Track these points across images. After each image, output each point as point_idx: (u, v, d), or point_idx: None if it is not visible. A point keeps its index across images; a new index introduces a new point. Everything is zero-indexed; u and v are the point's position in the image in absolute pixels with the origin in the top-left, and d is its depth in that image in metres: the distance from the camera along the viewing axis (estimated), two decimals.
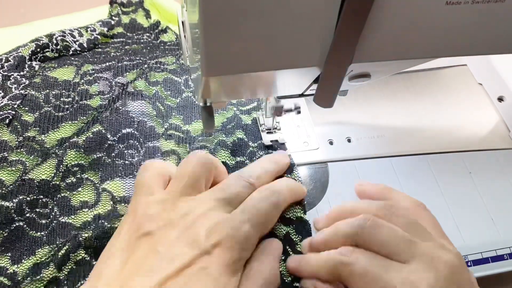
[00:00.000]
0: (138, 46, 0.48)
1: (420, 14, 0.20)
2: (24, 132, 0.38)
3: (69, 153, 0.36)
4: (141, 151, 0.39)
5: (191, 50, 0.24)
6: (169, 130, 0.40)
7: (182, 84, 0.44)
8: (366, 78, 0.27)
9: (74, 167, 0.36)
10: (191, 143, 0.40)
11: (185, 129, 0.41)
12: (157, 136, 0.40)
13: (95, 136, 0.37)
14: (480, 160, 0.41)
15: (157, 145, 0.39)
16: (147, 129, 0.40)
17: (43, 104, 0.39)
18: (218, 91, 0.28)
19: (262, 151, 0.39)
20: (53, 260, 0.31)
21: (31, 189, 0.34)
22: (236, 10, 0.18)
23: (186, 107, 0.42)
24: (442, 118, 0.44)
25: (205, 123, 0.32)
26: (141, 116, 0.40)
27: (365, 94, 0.45)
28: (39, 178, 0.35)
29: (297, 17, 0.19)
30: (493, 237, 0.36)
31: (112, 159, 0.38)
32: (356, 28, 0.20)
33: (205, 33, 0.19)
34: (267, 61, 0.21)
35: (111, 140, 0.38)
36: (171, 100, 0.42)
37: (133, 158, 0.38)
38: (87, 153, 0.37)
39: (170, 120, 0.41)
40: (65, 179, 0.36)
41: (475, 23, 0.21)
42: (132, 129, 0.39)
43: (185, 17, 0.25)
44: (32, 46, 0.43)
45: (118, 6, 0.50)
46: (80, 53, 0.46)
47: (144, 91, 0.41)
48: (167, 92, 0.42)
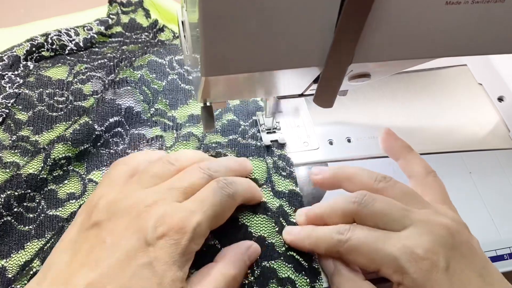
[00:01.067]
0: (136, 46, 0.48)
1: (420, 14, 0.20)
2: (18, 131, 0.38)
3: (57, 146, 0.36)
4: (126, 139, 0.39)
5: (191, 50, 0.24)
6: (155, 116, 0.40)
7: (166, 66, 0.43)
8: (366, 78, 0.27)
9: (61, 160, 0.36)
10: (178, 130, 0.40)
11: (170, 115, 0.41)
12: (143, 123, 0.40)
13: (82, 128, 0.37)
14: (480, 160, 0.41)
15: (142, 132, 0.39)
16: (134, 115, 0.40)
17: (37, 103, 0.39)
18: (218, 91, 0.28)
19: (254, 128, 0.39)
20: (38, 254, 0.32)
21: (19, 184, 0.34)
22: (236, 10, 0.18)
23: (172, 91, 0.42)
24: (442, 118, 0.44)
25: (205, 123, 0.32)
26: (128, 102, 0.40)
27: (365, 94, 0.45)
28: (27, 172, 0.34)
29: (297, 17, 0.19)
30: (493, 237, 0.36)
31: (97, 149, 0.38)
32: (356, 28, 0.20)
33: (205, 33, 0.19)
34: (267, 61, 0.21)
35: (98, 131, 0.37)
36: (157, 83, 0.42)
37: (117, 146, 0.38)
38: (75, 145, 0.36)
39: (156, 105, 0.41)
40: (52, 172, 0.36)
41: (475, 23, 0.21)
42: (119, 117, 0.39)
43: (185, 17, 0.25)
44: (27, 46, 0.43)
45: (117, 6, 0.50)
46: (77, 52, 0.46)
47: (129, 77, 0.41)
48: (152, 75, 0.42)
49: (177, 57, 0.44)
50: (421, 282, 0.27)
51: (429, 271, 0.27)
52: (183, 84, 0.43)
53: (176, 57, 0.44)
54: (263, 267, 0.31)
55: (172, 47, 0.45)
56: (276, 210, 0.34)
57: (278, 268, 0.31)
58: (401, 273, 0.27)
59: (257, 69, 0.21)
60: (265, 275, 0.30)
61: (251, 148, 0.38)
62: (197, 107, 0.42)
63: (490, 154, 0.41)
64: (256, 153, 0.38)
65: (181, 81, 0.43)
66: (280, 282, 0.30)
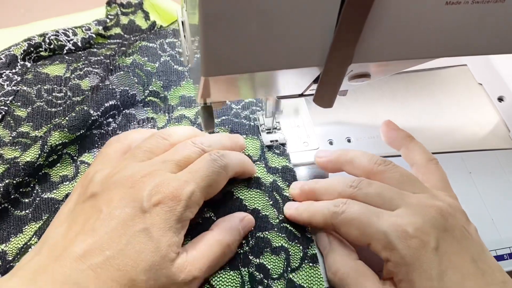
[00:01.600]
0: None
1: (420, 14, 0.20)
2: (17, 127, 0.38)
3: (53, 134, 0.36)
4: (118, 119, 0.39)
5: (191, 50, 0.24)
6: (148, 97, 0.41)
7: (158, 49, 0.44)
8: (366, 78, 0.27)
9: (58, 146, 0.36)
10: (170, 112, 0.40)
11: (163, 95, 0.42)
12: (136, 103, 0.40)
13: (78, 114, 0.37)
14: (480, 160, 0.41)
15: (133, 113, 0.40)
16: (130, 98, 0.40)
17: (35, 99, 0.40)
18: (218, 91, 0.28)
19: (246, 111, 0.40)
20: (36, 233, 0.32)
21: (17, 172, 0.34)
22: (236, 10, 0.18)
23: (166, 72, 0.43)
24: (442, 118, 0.44)
25: (205, 123, 0.32)
26: (122, 86, 0.40)
27: (365, 94, 0.45)
28: (24, 160, 0.35)
29: (297, 17, 0.19)
30: (493, 237, 0.36)
31: (91, 131, 0.38)
32: (356, 28, 0.20)
33: (205, 33, 0.19)
34: (267, 61, 0.21)
35: (94, 116, 0.38)
36: (150, 65, 0.42)
37: (109, 127, 0.39)
38: (71, 131, 0.36)
39: (150, 88, 0.41)
40: (48, 158, 0.36)
41: (475, 23, 0.21)
42: (114, 100, 0.39)
43: (185, 17, 0.25)
44: (24, 46, 0.43)
45: (117, 7, 0.50)
46: (75, 51, 0.46)
47: (122, 63, 0.41)
48: (144, 58, 0.43)
49: (168, 40, 0.45)
50: (409, 259, 0.27)
51: (417, 249, 0.27)
52: (176, 65, 0.44)
53: (167, 40, 0.45)
54: (257, 238, 0.32)
55: (162, 31, 0.46)
56: (270, 185, 0.35)
57: (272, 238, 0.32)
58: (390, 249, 0.27)
59: (257, 69, 0.21)
60: (259, 245, 0.32)
61: (244, 127, 0.39)
62: (189, 89, 0.43)
63: (490, 154, 0.41)
64: (249, 132, 0.39)
65: (174, 62, 0.44)
66: (274, 251, 0.32)
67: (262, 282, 0.30)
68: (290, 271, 0.32)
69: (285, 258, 0.32)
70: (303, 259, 0.32)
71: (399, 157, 0.40)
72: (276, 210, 0.34)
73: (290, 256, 0.32)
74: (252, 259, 0.31)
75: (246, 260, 0.31)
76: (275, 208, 0.34)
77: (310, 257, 0.32)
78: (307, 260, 0.32)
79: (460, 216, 0.30)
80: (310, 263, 0.32)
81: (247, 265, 0.31)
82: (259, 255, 0.31)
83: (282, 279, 0.31)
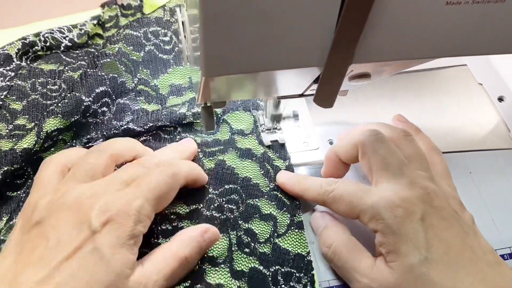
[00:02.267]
0: None
1: (420, 14, 0.20)
2: (14, 120, 0.38)
3: (48, 121, 0.36)
4: (112, 109, 0.40)
5: (191, 50, 0.24)
6: (139, 86, 0.42)
7: (142, 38, 0.44)
8: (366, 78, 0.27)
9: (53, 132, 0.36)
10: (163, 104, 0.41)
11: (153, 84, 0.42)
12: (128, 92, 0.41)
13: (70, 100, 0.37)
14: (480, 160, 0.41)
15: (127, 103, 0.40)
16: (119, 85, 0.40)
17: (30, 92, 0.40)
18: (218, 91, 0.28)
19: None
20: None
21: (14, 159, 0.35)
22: (236, 10, 0.18)
23: (151, 61, 0.43)
24: (442, 118, 0.44)
25: (205, 123, 0.32)
26: (111, 73, 0.40)
27: (365, 94, 0.45)
28: (21, 147, 0.35)
29: (297, 17, 0.19)
30: (493, 237, 0.36)
31: (87, 119, 0.38)
32: (356, 28, 0.20)
33: (205, 33, 0.19)
34: (267, 61, 0.21)
35: (86, 101, 0.38)
36: (135, 55, 0.43)
37: (104, 116, 0.39)
38: (65, 117, 0.37)
39: (138, 75, 0.42)
40: (44, 144, 0.36)
41: (475, 23, 0.21)
42: (104, 87, 0.39)
43: (185, 17, 0.25)
44: (19, 44, 0.43)
45: (117, 8, 0.50)
46: (72, 49, 0.46)
47: (107, 50, 0.42)
48: (129, 47, 0.43)
49: (151, 28, 0.45)
50: (395, 228, 0.27)
51: (403, 218, 0.27)
52: (161, 54, 0.44)
53: (150, 28, 0.45)
54: (247, 204, 0.34)
55: (145, 19, 0.46)
56: (261, 156, 0.37)
57: (261, 206, 0.34)
58: (377, 219, 0.28)
59: (257, 69, 0.21)
60: (249, 211, 0.34)
61: (237, 103, 0.40)
62: (177, 76, 0.44)
63: (490, 154, 0.41)
64: (242, 108, 0.40)
65: (158, 51, 0.44)
66: (263, 217, 0.34)
67: (249, 245, 0.33)
68: (277, 236, 0.34)
69: (272, 224, 0.34)
70: (289, 226, 0.34)
71: None
72: (267, 179, 0.36)
73: (278, 223, 0.34)
74: (241, 223, 0.33)
75: (236, 225, 0.33)
76: (266, 178, 0.36)
77: (297, 224, 0.34)
78: (294, 226, 0.34)
79: (453, 202, 0.30)
80: (296, 229, 0.34)
81: (236, 229, 0.33)
82: (248, 221, 0.33)
83: (269, 243, 0.33)
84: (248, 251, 0.32)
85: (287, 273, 0.32)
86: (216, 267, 0.31)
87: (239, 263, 0.32)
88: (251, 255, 0.32)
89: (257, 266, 0.32)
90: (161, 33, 0.45)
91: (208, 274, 0.30)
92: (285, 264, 0.32)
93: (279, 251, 0.33)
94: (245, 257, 0.32)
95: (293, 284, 0.32)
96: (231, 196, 0.34)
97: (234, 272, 0.31)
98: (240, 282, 0.31)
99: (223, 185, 0.35)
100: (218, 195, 0.34)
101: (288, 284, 0.32)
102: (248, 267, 0.32)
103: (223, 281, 0.30)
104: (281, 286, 0.32)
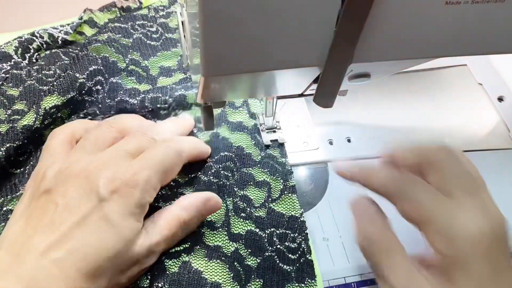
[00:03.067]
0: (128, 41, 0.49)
1: (420, 14, 0.20)
2: (12, 105, 0.39)
3: (45, 98, 0.37)
4: (106, 88, 0.40)
5: (191, 50, 0.24)
6: (130, 66, 0.43)
7: (129, 29, 0.45)
8: (366, 78, 0.27)
9: (52, 109, 0.37)
10: (153, 84, 0.42)
11: (144, 64, 0.43)
12: (119, 71, 0.42)
13: (65, 78, 0.38)
14: (480, 160, 0.41)
15: (119, 82, 0.41)
16: (111, 64, 0.41)
17: (26, 78, 0.40)
18: (218, 91, 0.28)
19: None
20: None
21: (16, 136, 0.35)
22: (236, 10, 0.18)
23: (139, 47, 0.45)
24: (442, 118, 0.44)
25: (205, 123, 0.32)
26: (102, 53, 0.41)
27: (365, 94, 0.45)
28: (21, 124, 0.36)
29: (297, 17, 0.19)
30: None
31: (82, 96, 0.39)
32: (356, 28, 0.20)
33: (205, 33, 0.19)
34: (267, 61, 0.21)
35: (81, 78, 0.39)
36: (125, 40, 0.44)
37: (98, 94, 0.40)
38: (62, 94, 0.37)
39: (129, 56, 0.43)
40: (44, 121, 0.37)
41: (475, 23, 0.21)
42: (97, 66, 0.40)
43: (185, 17, 0.25)
44: (15, 43, 0.43)
45: (117, 10, 0.50)
46: (68, 42, 0.46)
47: (97, 37, 0.43)
48: (118, 35, 0.44)
49: (137, 22, 0.47)
50: (463, 261, 0.25)
51: (477, 256, 0.25)
52: (149, 41, 0.46)
53: (136, 22, 0.47)
54: (241, 173, 0.36)
55: (131, 16, 0.47)
56: (252, 128, 0.39)
57: (255, 174, 0.36)
58: (448, 243, 0.25)
59: (257, 69, 0.21)
60: (243, 179, 0.36)
61: None
62: (166, 59, 0.45)
63: (490, 154, 0.41)
64: None
65: (147, 38, 0.46)
66: (257, 184, 0.36)
67: (245, 210, 0.34)
68: (271, 201, 0.35)
69: (267, 190, 0.36)
70: (283, 191, 0.36)
71: None
72: (258, 149, 0.38)
73: (271, 189, 0.36)
74: (237, 191, 0.35)
75: (231, 192, 0.35)
76: (257, 147, 0.38)
77: (289, 188, 0.36)
78: (287, 191, 0.36)
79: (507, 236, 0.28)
80: (289, 193, 0.36)
81: (232, 196, 0.35)
82: (243, 188, 0.35)
83: (264, 207, 0.35)
84: (244, 215, 0.34)
85: (281, 234, 0.34)
86: (214, 231, 0.32)
87: (236, 227, 0.33)
88: (247, 219, 0.34)
89: (253, 229, 0.34)
90: (147, 25, 0.47)
91: (207, 237, 0.32)
92: (280, 226, 0.34)
93: (273, 214, 0.35)
94: (242, 221, 0.34)
95: (288, 244, 0.33)
96: (226, 164, 0.36)
97: (231, 234, 0.33)
98: (237, 244, 0.32)
99: (219, 153, 0.36)
100: (214, 162, 0.36)
101: (283, 244, 0.33)
102: (245, 230, 0.33)
103: (220, 243, 0.32)
104: (276, 246, 0.33)
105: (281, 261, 0.33)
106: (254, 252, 0.33)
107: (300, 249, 0.33)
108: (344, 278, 0.34)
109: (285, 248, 0.33)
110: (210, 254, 0.31)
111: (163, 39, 0.46)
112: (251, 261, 0.32)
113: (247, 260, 0.32)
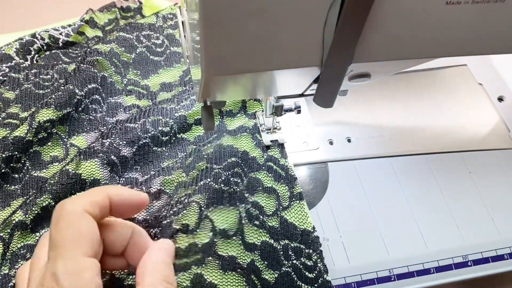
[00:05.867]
0: None
1: (420, 14, 0.20)
2: (6, 108, 0.39)
3: (41, 111, 0.37)
4: (104, 107, 0.40)
5: (191, 50, 0.24)
6: (129, 86, 0.42)
7: (134, 40, 0.45)
8: (366, 78, 0.27)
9: (46, 123, 0.37)
10: (153, 99, 0.42)
11: (143, 84, 0.43)
12: (117, 92, 0.42)
13: (64, 92, 0.38)
14: (480, 160, 0.41)
15: (118, 101, 0.41)
16: (108, 84, 0.41)
17: (23, 82, 0.41)
18: (218, 91, 0.28)
19: None
20: (21, 206, 0.33)
21: (6, 146, 0.35)
22: (236, 10, 0.18)
23: (141, 62, 0.44)
24: (442, 118, 0.44)
25: (205, 123, 0.32)
26: (102, 71, 0.41)
27: (365, 94, 0.45)
28: (13, 135, 0.36)
29: (297, 17, 0.19)
30: (493, 237, 0.36)
31: (79, 114, 0.39)
32: (356, 28, 0.20)
33: (205, 33, 0.19)
34: (267, 61, 0.21)
35: (79, 95, 0.39)
36: (126, 56, 0.44)
37: (96, 113, 0.40)
38: (58, 108, 0.37)
39: (128, 76, 0.43)
40: (38, 134, 0.37)
41: (475, 23, 0.21)
42: (96, 84, 0.40)
43: (185, 17, 0.25)
44: (16, 44, 0.44)
45: (117, 11, 0.50)
46: (69, 44, 0.46)
47: (100, 48, 0.43)
48: (121, 48, 0.44)
49: (143, 32, 0.46)
50: None
51: None
52: (152, 56, 0.45)
53: (143, 32, 0.46)
54: (249, 178, 0.36)
55: (138, 25, 0.47)
56: (253, 127, 0.39)
57: (262, 178, 0.36)
58: None
59: (257, 69, 0.21)
60: (252, 184, 0.35)
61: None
62: (167, 76, 0.45)
63: (490, 154, 0.41)
64: None
65: (150, 53, 0.45)
66: (266, 190, 0.35)
67: (258, 218, 0.33)
68: (282, 210, 0.35)
69: (275, 197, 0.35)
70: (291, 198, 0.36)
71: (400, 157, 0.40)
72: (260, 150, 0.38)
73: (280, 196, 0.35)
74: (248, 196, 0.34)
75: (243, 198, 0.34)
76: (259, 149, 0.38)
77: (296, 195, 0.36)
78: (295, 198, 0.36)
79: None
80: (297, 200, 0.36)
81: (244, 202, 0.33)
82: (253, 193, 0.35)
83: (276, 216, 0.34)
84: (258, 224, 0.33)
85: (296, 248, 0.33)
86: (228, 239, 0.31)
87: (251, 236, 0.32)
88: (261, 227, 0.33)
89: (268, 239, 0.33)
90: (153, 37, 0.46)
91: (220, 247, 0.30)
92: (293, 238, 0.33)
93: (286, 225, 0.34)
94: (256, 229, 0.32)
95: (303, 260, 0.33)
96: (234, 170, 0.35)
97: (246, 244, 0.31)
98: (253, 254, 0.31)
99: (226, 159, 0.35)
100: (223, 169, 0.35)
101: (299, 259, 0.33)
102: (260, 240, 0.32)
103: (235, 253, 0.30)
104: (292, 261, 0.32)
105: (299, 278, 0.32)
106: (271, 265, 0.31)
107: (317, 268, 0.32)
108: (344, 278, 0.34)
109: (301, 265, 0.32)
110: (225, 266, 0.29)
111: (167, 53, 0.46)
112: (268, 275, 0.31)
113: (264, 274, 0.31)
